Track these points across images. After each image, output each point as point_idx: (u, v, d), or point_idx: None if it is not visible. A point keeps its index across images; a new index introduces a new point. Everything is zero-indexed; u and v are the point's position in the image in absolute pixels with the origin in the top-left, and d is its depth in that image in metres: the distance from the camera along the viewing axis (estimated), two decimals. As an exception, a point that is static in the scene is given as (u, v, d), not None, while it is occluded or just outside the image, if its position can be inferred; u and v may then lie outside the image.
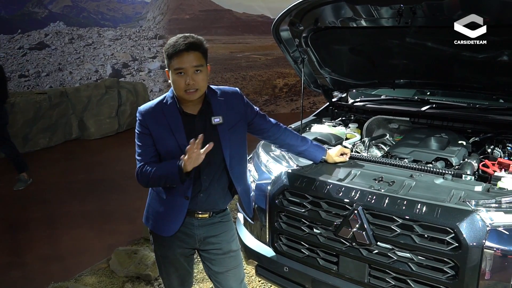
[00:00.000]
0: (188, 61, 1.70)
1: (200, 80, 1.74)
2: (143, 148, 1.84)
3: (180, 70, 1.71)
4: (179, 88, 1.74)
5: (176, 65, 1.71)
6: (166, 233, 1.90)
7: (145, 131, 1.82)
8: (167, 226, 1.89)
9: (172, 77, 1.74)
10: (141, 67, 9.95)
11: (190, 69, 1.71)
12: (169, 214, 1.88)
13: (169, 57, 1.73)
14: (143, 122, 1.82)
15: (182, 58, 1.70)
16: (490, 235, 1.60)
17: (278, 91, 10.57)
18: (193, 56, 1.71)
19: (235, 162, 1.90)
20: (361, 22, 2.49)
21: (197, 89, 1.74)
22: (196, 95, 1.75)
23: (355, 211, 1.86)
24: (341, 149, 2.27)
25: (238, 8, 10.78)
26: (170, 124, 1.79)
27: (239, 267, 2.04)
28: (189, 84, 1.71)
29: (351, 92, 3.31)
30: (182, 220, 1.87)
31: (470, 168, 2.12)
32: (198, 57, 1.73)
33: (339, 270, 1.99)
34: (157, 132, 1.80)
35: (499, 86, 2.58)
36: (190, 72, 1.71)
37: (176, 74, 1.72)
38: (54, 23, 9.45)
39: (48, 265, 3.47)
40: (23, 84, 8.78)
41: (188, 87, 1.72)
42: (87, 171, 5.95)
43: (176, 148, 1.78)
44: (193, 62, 1.72)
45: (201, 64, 1.74)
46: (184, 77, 1.71)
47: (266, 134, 2.09)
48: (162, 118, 1.80)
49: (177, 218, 1.87)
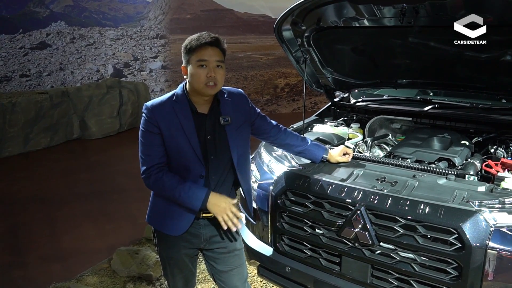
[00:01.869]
0: (211, 55, 1.72)
1: (220, 75, 1.75)
2: (150, 147, 1.79)
3: (202, 63, 1.71)
4: (199, 81, 1.72)
5: (199, 57, 1.71)
6: (174, 232, 1.86)
7: (153, 129, 1.77)
8: (175, 225, 1.86)
9: (193, 70, 1.73)
10: (142, 66, 9.95)
11: (213, 62, 1.72)
12: (179, 212, 1.84)
13: (191, 51, 1.73)
14: (152, 119, 1.77)
15: (206, 51, 1.71)
16: (493, 235, 1.60)
17: (280, 91, 10.56)
18: (216, 50, 1.74)
19: (242, 162, 1.91)
20: (364, 22, 2.48)
21: (216, 84, 1.74)
22: (214, 90, 1.76)
23: (357, 212, 1.85)
24: (344, 149, 2.27)
25: (239, 8, 10.78)
26: (182, 123, 1.77)
27: (243, 265, 2.04)
28: (211, 76, 1.71)
29: (353, 92, 3.30)
30: (193, 219, 1.85)
31: (473, 168, 2.11)
32: (220, 53, 1.76)
33: (342, 271, 1.99)
34: (167, 130, 1.77)
35: (502, 86, 2.57)
36: (213, 66, 1.72)
37: (198, 66, 1.72)
38: (56, 23, 9.45)
39: (50, 265, 3.47)
40: (25, 84, 8.78)
41: (209, 79, 1.72)
42: (89, 171, 5.95)
43: (188, 147, 1.77)
44: (216, 57, 1.73)
45: (222, 60, 1.76)
46: (206, 69, 1.72)
47: (266, 135, 2.10)
48: (173, 116, 1.77)
49: (188, 216, 1.84)
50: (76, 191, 5.18)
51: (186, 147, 1.77)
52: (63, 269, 3.40)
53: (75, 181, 5.53)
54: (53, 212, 4.51)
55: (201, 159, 1.78)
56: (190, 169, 1.80)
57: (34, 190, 5.20)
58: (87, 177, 5.66)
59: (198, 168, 1.80)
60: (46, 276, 3.27)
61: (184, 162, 1.80)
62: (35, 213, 4.52)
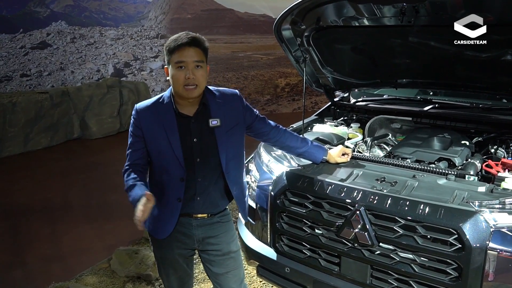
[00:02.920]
0: (189, 55, 1.70)
1: (200, 76, 1.73)
2: (131, 149, 1.85)
3: (180, 64, 1.70)
4: (178, 83, 1.72)
5: (177, 59, 1.70)
6: (161, 235, 1.88)
7: (137, 132, 1.81)
8: (161, 228, 1.88)
9: (172, 72, 1.73)
10: (142, 66, 9.95)
11: (191, 63, 1.70)
12: (163, 216, 1.85)
13: (170, 52, 1.72)
14: (137, 121, 1.81)
15: (183, 52, 1.70)
16: (493, 236, 1.58)
17: (280, 91, 10.56)
18: (194, 51, 1.71)
19: (232, 166, 1.88)
20: (364, 21, 2.47)
21: (196, 86, 1.72)
22: (195, 92, 1.73)
23: (357, 212, 1.84)
24: (343, 149, 2.26)
25: (240, 8, 10.79)
26: (164, 124, 1.77)
27: (239, 268, 2.02)
28: (189, 78, 1.70)
29: (353, 91, 3.29)
30: (176, 222, 1.85)
31: (473, 169, 2.10)
32: (199, 53, 1.73)
33: (341, 271, 1.98)
34: (150, 132, 1.78)
35: (502, 85, 2.56)
36: (191, 67, 1.70)
37: (176, 68, 1.71)
38: (56, 23, 9.46)
39: (49, 265, 3.47)
40: (25, 84, 8.79)
41: (188, 81, 1.70)
42: (89, 170, 5.95)
43: (169, 149, 1.76)
44: (194, 57, 1.71)
45: (202, 60, 1.74)
46: (184, 71, 1.70)
47: (266, 137, 2.08)
48: (157, 117, 1.78)
49: (170, 220, 1.85)
50: (76, 190, 5.18)
51: (166, 149, 1.77)
52: (63, 269, 3.40)
53: (75, 180, 5.53)
54: (53, 212, 4.51)
55: (181, 162, 1.77)
56: (170, 172, 1.79)
57: (34, 189, 5.20)
58: (87, 177, 5.66)
59: (178, 171, 1.78)
60: (46, 276, 3.27)
61: (165, 164, 1.80)
62: (34, 213, 4.52)
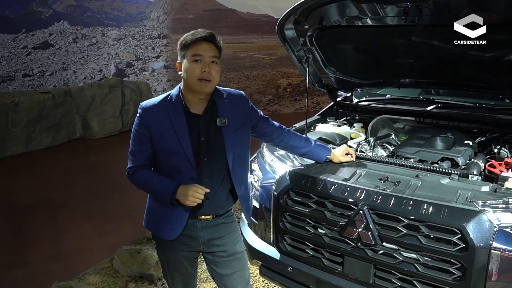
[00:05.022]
0: (206, 50, 1.72)
1: (215, 71, 1.74)
2: (137, 150, 1.82)
3: (197, 58, 1.70)
4: (193, 76, 1.71)
5: (193, 52, 1.70)
6: (169, 236, 1.85)
7: (143, 131, 1.78)
8: (169, 229, 1.84)
9: (187, 65, 1.72)
10: (144, 66, 9.96)
11: (207, 57, 1.71)
12: (172, 217, 1.83)
13: (186, 46, 1.72)
14: (144, 120, 1.77)
15: (201, 46, 1.71)
16: (497, 236, 1.58)
17: (282, 91, 10.56)
18: (211, 46, 1.73)
19: (238, 166, 1.87)
20: (367, 21, 2.47)
21: (210, 81, 1.73)
22: (208, 87, 1.74)
23: (360, 211, 1.84)
24: (346, 149, 2.26)
25: (242, 8, 10.79)
26: (173, 122, 1.75)
27: (245, 269, 2.01)
28: (205, 71, 1.70)
29: (356, 91, 3.29)
30: (185, 223, 1.83)
31: (477, 168, 2.10)
32: (215, 49, 1.75)
33: (344, 271, 1.97)
34: (158, 130, 1.76)
35: (505, 85, 2.55)
36: (207, 61, 1.71)
37: (192, 61, 1.71)
38: (58, 23, 9.47)
39: (51, 265, 3.47)
40: (27, 84, 8.81)
41: (203, 74, 1.70)
42: (91, 170, 5.96)
43: (178, 147, 1.75)
44: (211, 52, 1.72)
45: (217, 56, 1.75)
46: (200, 64, 1.71)
47: (270, 137, 2.08)
48: (165, 115, 1.76)
49: (179, 221, 1.83)
50: (78, 190, 5.18)
51: (177, 148, 1.75)
52: (65, 268, 3.40)
53: (77, 180, 5.54)
54: (55, 212, 4.52)
55: (192, 161, 1.75)
56: (180, 171, 1.77)
57: (36, 189, 5.21)
58: (89, 177, 5.67)
59: (188, 171, 1.77)
60: (48, 275, 3.28)
61: (174, 164, 1.78)
62: (37, 212, 4.53)
